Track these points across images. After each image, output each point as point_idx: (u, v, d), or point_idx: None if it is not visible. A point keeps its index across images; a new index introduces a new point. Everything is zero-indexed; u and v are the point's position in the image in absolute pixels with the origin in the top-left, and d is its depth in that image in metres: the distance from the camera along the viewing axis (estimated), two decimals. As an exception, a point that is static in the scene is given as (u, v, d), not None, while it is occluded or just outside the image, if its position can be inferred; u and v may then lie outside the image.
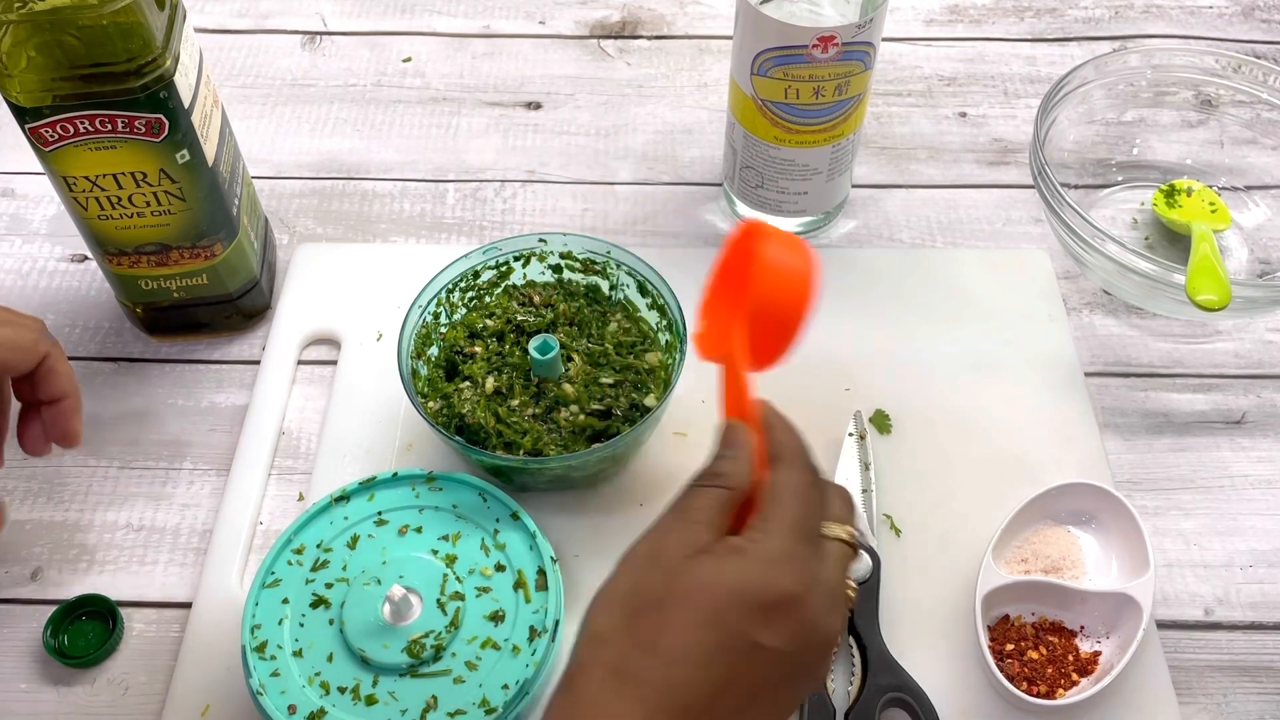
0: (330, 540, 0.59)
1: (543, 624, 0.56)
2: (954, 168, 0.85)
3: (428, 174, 0.84)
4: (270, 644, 0.55)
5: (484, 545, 0.58)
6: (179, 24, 0.62)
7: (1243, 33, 0.95)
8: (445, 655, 0.55)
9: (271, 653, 0.55)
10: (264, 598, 0.57)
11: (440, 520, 0.59)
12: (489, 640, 0.55)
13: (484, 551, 0.58)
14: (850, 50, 0.67)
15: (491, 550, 0.58)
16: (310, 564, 0.58)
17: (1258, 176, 0.81)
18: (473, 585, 0.57)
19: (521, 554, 0.58)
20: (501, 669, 0.54)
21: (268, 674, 0.54)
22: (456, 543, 0.59)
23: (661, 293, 0.65)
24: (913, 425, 0.68)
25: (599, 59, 0.93)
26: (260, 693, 0.53)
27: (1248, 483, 0.67)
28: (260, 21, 0.96)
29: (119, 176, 0.63)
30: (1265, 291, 0.67)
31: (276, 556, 0.58)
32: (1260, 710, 0.59)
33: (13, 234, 0.80)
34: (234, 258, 0.70)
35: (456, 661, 0.55)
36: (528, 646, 0.55)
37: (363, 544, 0.59)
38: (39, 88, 0.58)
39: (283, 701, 0.53)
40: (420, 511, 0.60)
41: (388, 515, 0.60)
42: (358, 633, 0.55)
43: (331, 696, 0.53)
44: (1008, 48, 0.94)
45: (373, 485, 0.61)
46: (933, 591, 0.61)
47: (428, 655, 0.54)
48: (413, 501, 0.60)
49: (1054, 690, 0.57)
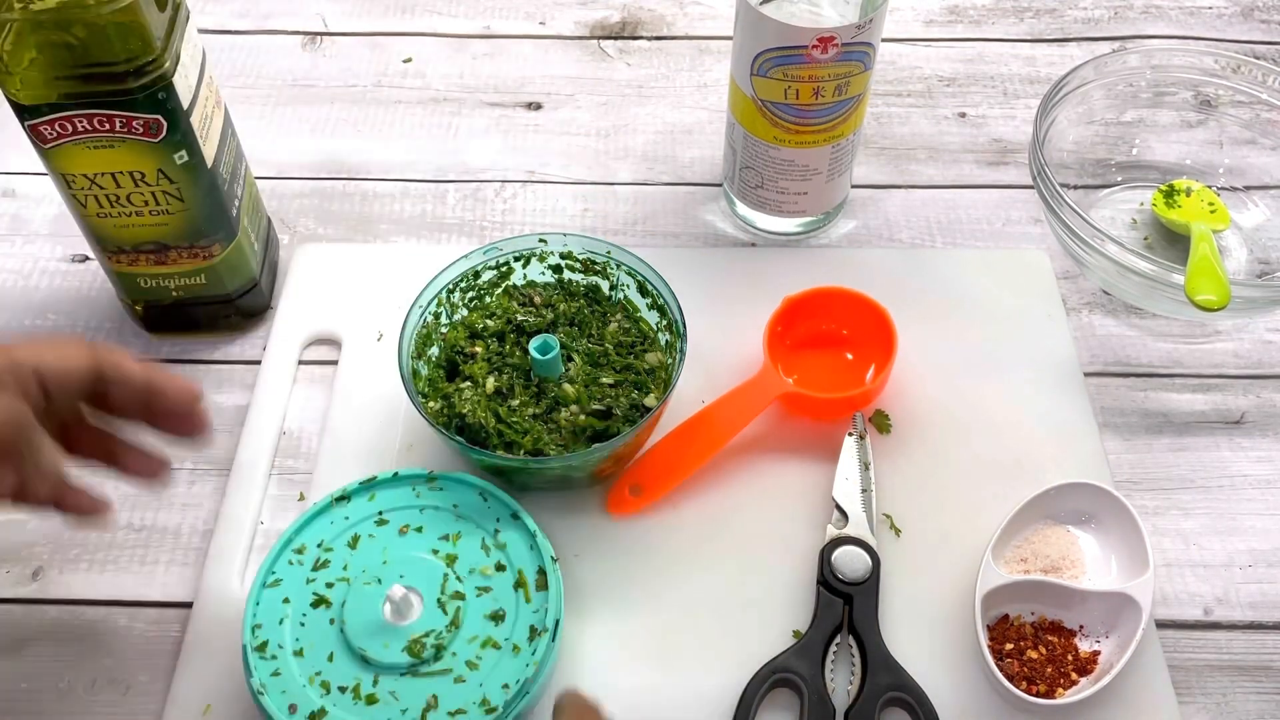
0: (331, 540, 0.59)
1: (543, 623, 0.55)
2: (954, 168, 0.85)
3: (428, 174, 0.84)
4: (271, 643, 0.55)
5: (484, 545, 0.58)
6: (180, 25, 0.62)
7: (1242, 33, 0.95)
8: (446, 655, 0.55)
9: (272, 652, 0.55)
10: (265, 597, 0.57)
11: (441, 520, 0.59)
12: (489, 640, 0.55)
13: (484, 551, 0.58)
14: (850, 51, 0.67)
15: (492, 550, 0.58)
16: (311, 564, 0.58)
17: (1257, 177, 0.81)
18: (473, 585, 0.57)
19: (522, 553, 0.58)
20: (502, 668, 0.54)
21: (268, 674, 0.54)
22: (457, 542, 0.58)
23: (661, 293, 0.65)
24: (913, 425, 0.68)
25: (599, 59, 0.93)
26: (261, 692, 0.53)
27: (1247, 483, 0.67)
28: (261, 22, 0.96)
29: (117, 175, 0.63)
30: (1264, 291, 0.67)
31: (277, 556, 0.58)
32: (1260, 710, 0.59)
33: (14, 234, 0.80)
34: (233, 258, 0.70)
35: (457, 661, 0.54)
36: (528, 646, 0.55)
37: (363, 544, 0.59)
38: (40, 86, 0.58)
39: (283, 701, 0.53)
40: (421, 511, 0.60)
41: (388, 515, 0.60)
42: (358, 632, 0.55)
43: (332, 696, 0.53)
44: (1007, 48, 0.94)
45: (373, 485, 0.61)
46: (933, 591, 0.61)
47: (428, 654, 0.54)
48: (413, 501, 0.60)
49: (1053, 690, 0.57)
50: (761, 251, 0.78)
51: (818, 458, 0.66)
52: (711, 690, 0.58)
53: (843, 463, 0.65)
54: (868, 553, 0.61)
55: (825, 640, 0.58)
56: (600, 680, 0.58)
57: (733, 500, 0.65)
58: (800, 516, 0.64)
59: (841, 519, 0.63)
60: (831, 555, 0.60)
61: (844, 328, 0.71)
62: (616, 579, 0.62)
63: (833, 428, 0.67)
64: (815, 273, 0.74)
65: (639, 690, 0.58)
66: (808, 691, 0.56)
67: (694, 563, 0.63)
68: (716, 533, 0.64)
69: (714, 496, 0.65)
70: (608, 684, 0.58)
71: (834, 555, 0.60)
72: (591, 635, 0.60)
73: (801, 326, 0.70)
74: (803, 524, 0.64)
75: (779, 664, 0.57)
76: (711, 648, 0.59)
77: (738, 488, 0.65)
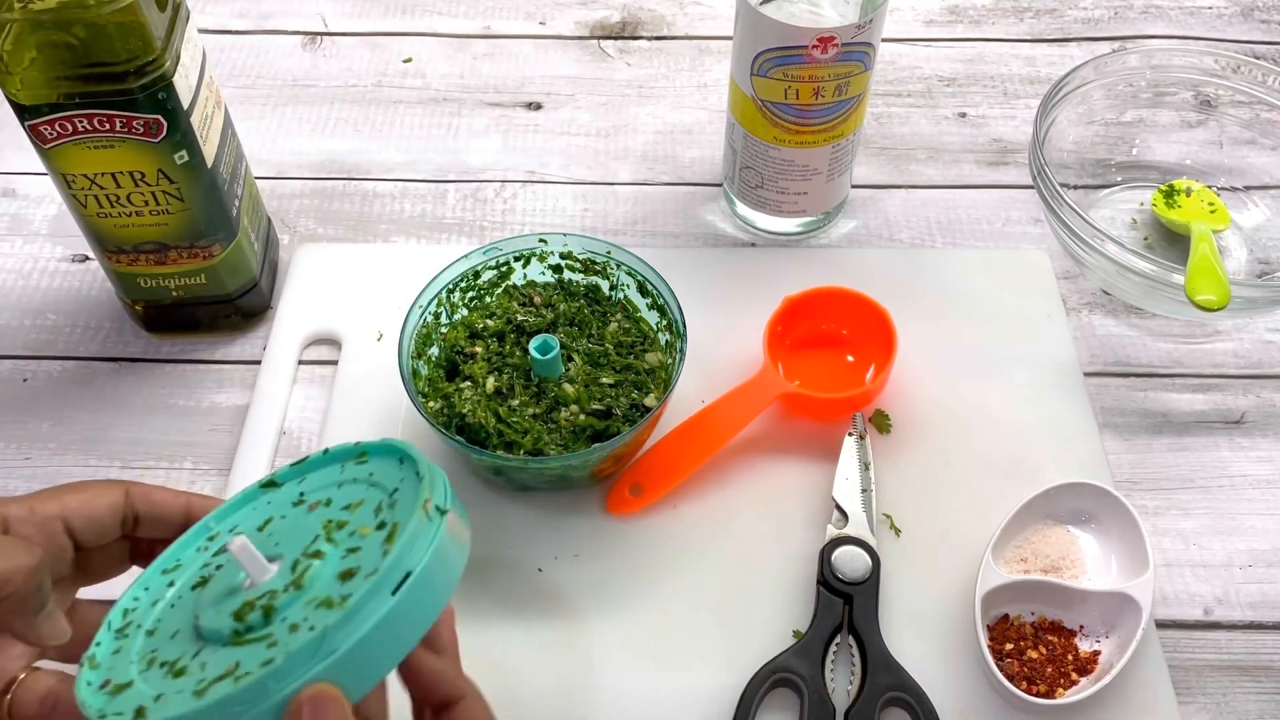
0: (244, 524, 0.52)
1: (376, 566, 0.43)
2: (954, 168, 0.85)
3: (428, 174, 0.84)
4: (133, 624, 0.48)
5: (378, 507, 0.49)
6: (180, 25, 0.62)
7: (1242, 33, 0.96)
8: (275, 619, 0.45)
9: (129, 632, 0.48)
10: (155, 581, 0.50)
11: (351, 491, 0.51)
12: (327, 599, 0.43)
13: (375, 513, 0.48)
14: (850, 51, 0.67)
15: (383, 510, 0.48)
16: (214, 549, 0.51)
17: (1257, 177, 0.81)
18: (343, 547, 0.47)
19: (409, 508, 0.47)
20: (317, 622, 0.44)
21: (110, 652, 0.47)
22: (356, 510, 0.49)
23: (661, 293, 0.65)
24: (913, 425, 0.68)
25: (599, 59, 0.93)
26: (88, 664, 0.47)
27: (1247, 483, 0.67)
28: (261, 22, 0.96)
29: (117, 175, 0.63)
30: (1264, 291, 0.67)
31: (186, 544, 0.52)
32: (1260, 710, 0.59)
33: (14, 234, 0.80)
34: (233, 259, 0.70)
35: (283, 626, 0.44)
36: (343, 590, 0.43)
37: (273, 525, 0.51)
38: (40, 86, 0.58)
39: (100, 676, 0.46)
40: (339, 487, 0.51)
41: (308, 495, 0.52)
42: (205, 603, 0.47)
43: (151, 671, 0.45)
44: (1007, 48, 0.94)
45: (304, 467, 0.54)
46: (933, 591, 0.61)
47: (255, 619, 0.45)
48: (336, 478, 0.52)
49: (1053, 690, 0.57)
50: (761, 251, 0.78)
51: (818, 458, 0.66)
52: (711, 690, 0.58)
53: (843, 463, 0.65)
54: (868, 553, 0.61)
55: (825, 640, 0.58)
56: (600, 680, 0.58)
57: (733, 500, 0.65)
58: (800, 516, 0.64)
59: (841, 519, 0.63)
60: (831, 555, 0.60)
61: (844, 328, 0.71)
62: (616, 579, 0.62)
63: (833, 428, 0.67)
64: (815, 273, 0.74)
65: (639, 690, 0.58)
66: (808, 691, 0.56)
67: (694, 563, 0.63)
68: (716, 533, 0.64)
69: (714, 496, 0.65)
70: (608, 684, 0.58)
71: (834, 555, 0.60)
72: (591, 635, 0.60)
73: (801, 326, 0.70)
74: (803, 524, 0.64)
75: (779, 664, 0.57)
76: (711, 648, 0.59)
77: (738, 488, 0.65)
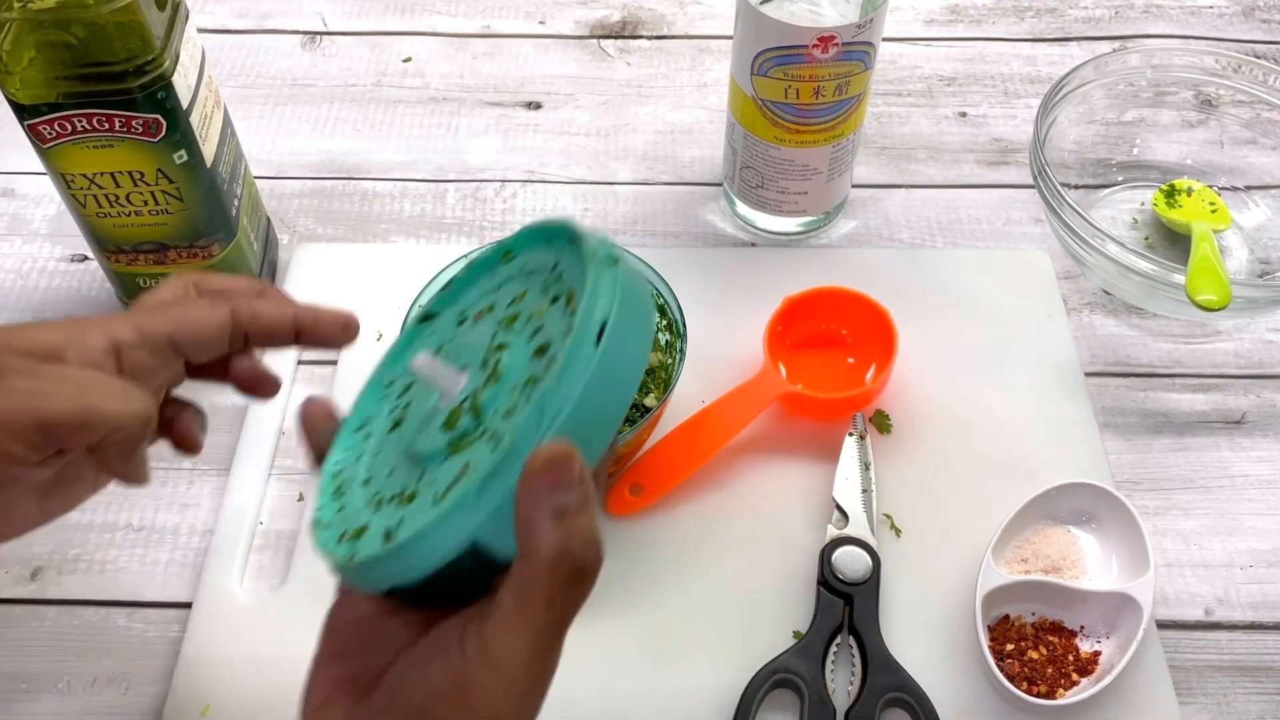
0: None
1: (569, 326, 0.39)
2: (954, 168, 0.85)
3: (428, 174, 0.84)
4: (345, 485, 0.47)
5: (544, 287, 0.45)
6: (180, 24, 0.62)
7: (1243, 33, 0.95)
8: (486, 414, 0.41)
9: (344, 490, 0.47)
10: (349, 441, 0.49)
11: (511, 287, 0.47)
12: (531, 377, 0.40)
13: (544, 292, 0.44)
14: (850, 50, 0.67)
15: (551, 286, 0.44)
16: (397, 392, 0.50)
17: (1258, 176, 0.81)
18: (526, 331, 0.43)
19: (576, 271, 0.43)
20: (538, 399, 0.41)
21: (334, 512, 0.45)
22: (522, 300, 0.46)
23: (661, 292, 0.65)
24: (913, 425, 0.68)
25: (599, 59, 0.93)
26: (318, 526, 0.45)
27: (1248, 483, 0.67)
28: (260, 21, 0.96)
29: (116, 175, 0.63)
30: (1265, 291, 0.67)
31: (365, 398, 0.51)
32: (1260, 710, 0.59)
33: (13, 234, 0.80)
34: (232, 259, 0.70)
35: (496, 416, 0.41)
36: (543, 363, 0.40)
37: (447, 349, 0.48)
38: (39, 86, 0.58)
39: (333, 535, 0.44)
40: (497, 290, 0.48)
41: (469, 310, 0.49)
42: (412, 431, 0.45)
43: (382, 510, 0.43)
44: (1008, 48, 0.94)
45: (453, 290, 0.50)
46: (933, 591, 0.61)
47: (466, 424, 0.42)
48: (491, 285, 0.49)
49: (1054, 690, 0.57)
50: (761, 251, 0.78)
51: (818, 458, 0.66)
52: (711, 690, 0.58)
53: (843, 463, 0.64)
54: (868, 553, 0.61)
55: (825, 640, 0.58)
56: (600, 680, 0.58)
57: (733, 500, 0.65)
58: (800, 516, 0.64)
59: (842, 519, 0.62)
60: (832, 555, 0.60)
61: (844, 328, 0.71)
62: (616, 579, 0.62)
63: (833, 428, 0.66)
64: (815, 273, 0.74)
65: (639, 690, 0.58)
66: (808, 692, 0.56)
67: (694, 563, 0.63)
68: (716, 533, 0.64)
69: (714, 496, 0.65)
70: (608, 684, 0.58)
71: (834, 555, 0.60)
72: (591, 635, 0.60)
73: (801, 326, 0.70)
74: (803, 524, 0.64)
75: (779, 664, 0.57)
76: (711, 648, 0.59)
77: (738, 488, 0.65)
